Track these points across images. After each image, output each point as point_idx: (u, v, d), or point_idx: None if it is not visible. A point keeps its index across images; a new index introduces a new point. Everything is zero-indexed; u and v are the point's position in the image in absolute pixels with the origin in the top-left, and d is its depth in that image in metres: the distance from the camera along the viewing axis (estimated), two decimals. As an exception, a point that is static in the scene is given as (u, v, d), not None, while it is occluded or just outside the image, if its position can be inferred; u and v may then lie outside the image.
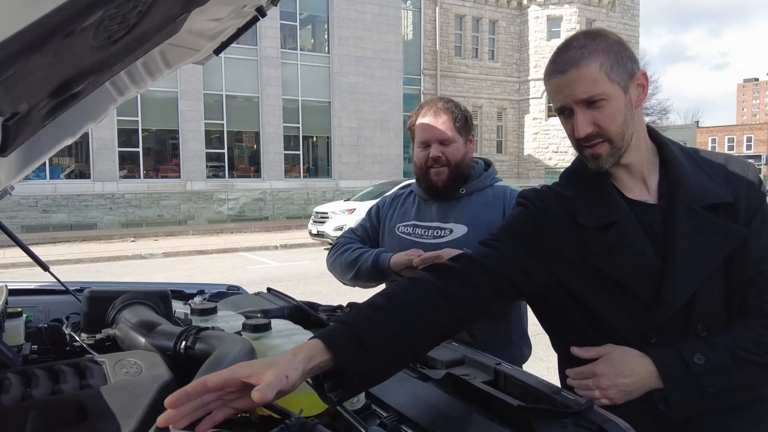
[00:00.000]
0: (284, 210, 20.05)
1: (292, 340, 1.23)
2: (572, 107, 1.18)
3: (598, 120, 1.17)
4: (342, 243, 2.14)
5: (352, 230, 2.21)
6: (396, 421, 1.01)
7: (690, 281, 1.15)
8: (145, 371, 1.02)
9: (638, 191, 1.26)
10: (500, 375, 1.24)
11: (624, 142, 1.20)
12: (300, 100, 20.47)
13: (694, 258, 1.15)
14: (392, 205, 2.16)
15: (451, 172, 1.96)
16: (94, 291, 1.54)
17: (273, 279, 9.67)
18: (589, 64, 1.15)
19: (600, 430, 0.97)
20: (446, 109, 1.97)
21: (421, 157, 1.99)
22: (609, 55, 1.16)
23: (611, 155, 1.21)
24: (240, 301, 1.74)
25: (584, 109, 1.17)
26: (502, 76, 26.79)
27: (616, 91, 1.16)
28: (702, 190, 1.20)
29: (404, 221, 2.06)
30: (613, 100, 1.16)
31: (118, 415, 0.89)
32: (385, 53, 21.53)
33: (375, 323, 1.02)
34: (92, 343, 1.38)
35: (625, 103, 1.18)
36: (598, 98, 1.16)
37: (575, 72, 1.15)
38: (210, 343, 1.07)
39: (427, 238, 1.98)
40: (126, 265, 12.01)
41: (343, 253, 2.07)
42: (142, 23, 1.07)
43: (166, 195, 18.30)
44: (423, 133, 1.98)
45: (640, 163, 1.25)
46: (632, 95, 1.19)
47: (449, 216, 1.99)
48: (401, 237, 2.03)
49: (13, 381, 1.00)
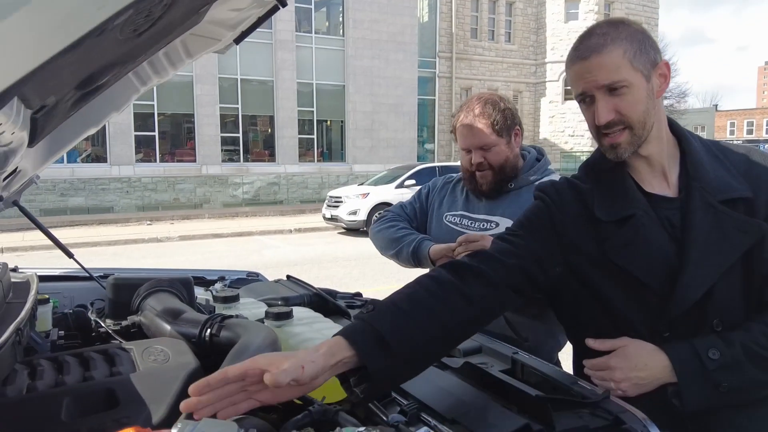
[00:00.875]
0: (298, 194, 20.12)
1: (313, 328, 1.26)
2: (594, 93, 1.18)
3: (620, 107, 1.16)
4: (389, 218, 2.14)
5: (402, 206, 2.21)
6: (416, 409, 1.03)
7: (706, 276, 1.14)
8: (173, 359, 1.05)
9: (657, 184, 1.25)
10: (517, 364, 1.26)
11: (645, 131, 1.19)
12: (314, 83, 20.41)
13: (711, 253, 1.15)
14: (442, 191, 2.15)
15: (496, 175, 1.95)
16: (119, 278, 1.58)
17: (287, 263, 9.75)
18: (611, 50, 1.14)
19: (616, 420, 0.99)
20: (483, 115, 1.93)
21: (465, 161, 2.00)
22: (632, 43, 1.15)
23: (631, 144, 1.20)
24: (260, 289, 1.77)
25: (606, 95, 1.16)
26: (519, 58, 26.46)
27: (639, 79, 1.15)
28: (721, 184, 1.19)
29: (453, 210, 2.06)
30: (635, 88, 1.15)
31: (148, 402, 0.92)
32: (401, 36, 21.34)
33: (396, 323, 1.03)
34: (118, 330, 1.42)
35: (647, 91, 1.17)
36: (620, 85, 1.15)
37: (597, 58, 1.15)
38: (235, 331, 1.10)
39: (473, 230, 1.98)
40: (143, 248, 12.16)
41: (388, 228, 2.08)
42: (166, 15, 1.09)
43: (181, 179, 18.43)
44: (463, 140, 1.98)
45: (660, 155, 1.24)
46: (654, 84, 1.18)
47: (497, 209, 1.98)
48: (449, 226, 2.03)
49: (46, 367, 1.04)
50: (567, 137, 26.27)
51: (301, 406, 1.04)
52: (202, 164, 18.78)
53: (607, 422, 0.98)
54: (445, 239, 1.95)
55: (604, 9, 25.28)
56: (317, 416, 0.93)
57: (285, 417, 1.05)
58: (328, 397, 1.03)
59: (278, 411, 1.14)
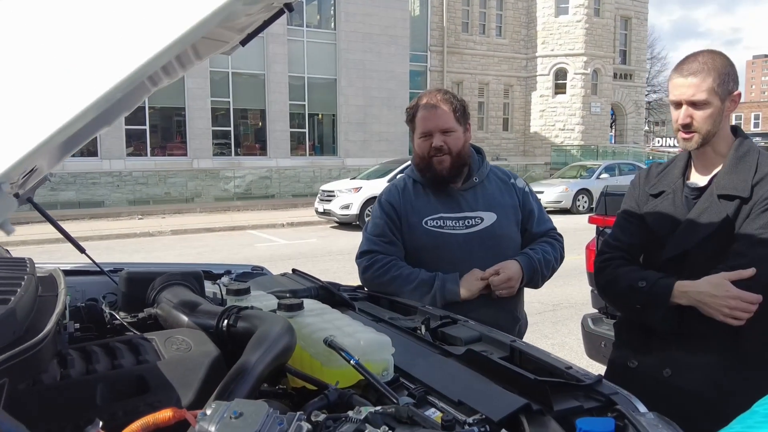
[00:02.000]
0: (290, 188, 20.14)
1: (324, 319, 1.33)
2: (683, 102, 1.62)
3: (696, 116, 1.62)
4: (384, 262, 2.05)
5: (381, 240, 2.09)
6: (423, 392, 1.10)
7: (683, 242, 1.67)
8: (195, 347, 1.12)
9: (698, 176, 1.74)
10: (515, 351, 1.34)
11: (709, 136, 1.64)
12: (306, 77, 20.41)
13: (689, 230, 1.66)
14: (406, 198, 2.12)
15: (453, 160, 2.04)
16: (132, 272, 1.65)
17: (281, 257, 9.81)
18: (705, 78, 1.59)
19: (609, 401, 1.07)
20: (445, 100, 2.04)
21: (423, 148, 2.06)
22: (720, 75, 1.60)
23: (697, 142, 1.65)
24: (268, 282, 1.84)
25: (689, 106, 1.62)
26: (510, 52, 26.56)
27: (717, 101, 1.60)
28: (728, 182, 1.62)
29: (430, 214, 2.07)
30: (711, 107, 1.61)
31: (177, 386, 0.99)
32: (392, 29, 21.36)
33: None
34: (134, 322, 1.48)
35: (719, 110, 1.62)
36: (702, 103, 1.60)
37: (694, 80, 1.60)
38: (252, 321, 1.17)
39: (460, 228, 2.05)
40: (135, 242, 12.17)
41: (388, 272, 2.02)
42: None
43: (173, 173, 18.40)
44: (425, 124, 2.04)
45: (712, 155, 1.69)
46: (725, 106, 1.63)
47: (475, 204, 2.06)
48: (431, 230, 2.05)
49: (75, 357, 1.10)
50: (557, 131, 26.43)
51: (315, 391, 1.11)
52: (193, 158, 18.75)
53: (600, 403, 1.07)
54: (429, 244, 2.03)
55: (594, 3, 25.39)
56: (333, 398, 1.00)
57: (299, 402, 1.13)
58: (342, 382, 1.10)
59: (291, 397, 1.22)
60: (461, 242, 2.03)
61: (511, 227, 2.11)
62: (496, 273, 1.97)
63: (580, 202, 16.70)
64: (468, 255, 2.02)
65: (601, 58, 26.12)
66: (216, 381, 1.00)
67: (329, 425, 0.88)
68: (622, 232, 1.84)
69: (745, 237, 1.56)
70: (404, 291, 1.96)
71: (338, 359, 1.13)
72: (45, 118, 0.73)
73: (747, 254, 1.55)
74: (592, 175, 17.63)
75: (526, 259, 2.04)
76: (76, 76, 0.73)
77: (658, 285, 1.63)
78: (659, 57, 41.67)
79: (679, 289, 1.60)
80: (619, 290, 1.75)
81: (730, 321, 1.53)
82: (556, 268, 2.14)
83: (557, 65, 26.00)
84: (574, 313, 5.80)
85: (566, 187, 16.87)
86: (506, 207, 2.10)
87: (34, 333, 0.87)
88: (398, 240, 2.10)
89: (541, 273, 2.07)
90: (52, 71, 0.74)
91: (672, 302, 1.60)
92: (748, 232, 1.56)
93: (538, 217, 2.17)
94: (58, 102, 0.73)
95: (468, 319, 1.59)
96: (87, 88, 0.72)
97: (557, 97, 26.25)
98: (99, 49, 0.73)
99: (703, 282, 1.56)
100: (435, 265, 2.03)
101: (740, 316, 1.52)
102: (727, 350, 1.60)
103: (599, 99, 26.51)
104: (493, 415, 0.97)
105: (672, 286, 1.61)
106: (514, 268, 2.00)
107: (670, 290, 1.61)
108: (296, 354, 1.16)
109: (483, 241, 2.04)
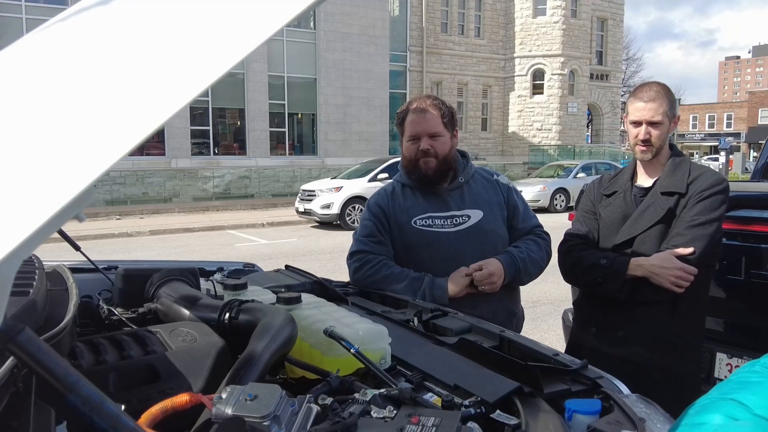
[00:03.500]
0: (270, 187, 20.07)
1: (321, 311, 1.38)
2: (642, 122, 2.06)
3: (653, 134, 2.06)
4: (375, 262, 2.10)
5: (371, 240, 2.16)
6: (420, 378, 1.16)
7: (632, 230, 2.08)
8: (200, 339, 1.16)
9: (645, 178, 2.17)
10: (504, 340, 1.41)
11: (659, 149, 2.09)
12: (285, 76, 20.35)
13: (638, 220, 2.09)
14: (393, 202, 2.20)
15: (439, 164, 2.12)
16: (128, 269, 1.68)
17: (262, 256, 9.79)
18: (662, 103, 2.04)
19: (594, 385, 1.14)
20: (435, 106, 2.13)
21: (411, 150, 2.14)
22: (670, 101, 2.07)
23: (652, 153, 2.08)
24: (262, 278, 1.88)
25: (647, 126, 2.05)
26: (488, 53, 26.79)
27: (667, 121, 2.07)
28: (668, 182, 2.07)
29: (419, 214, 2.14)
30: (664, 127, 2.07)
31: (187, 375, 1.03)
32: (372, 29, 21.41)
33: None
34: (133, 317, 1.52)
35: (668, 129, 2.08)
36: (657, 123, 2.05)
37: (653, 104, 2.04)
38: (254, 314, 1.21)
39: (448, 227, 2.11)
40: (113, 242, 12.03)
41: (379, 271, 2.08)
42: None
43: (151, 172, 18.20)
44: (413, 128, 2.12)
45: (656, 163, 2.14)
46: (670, 126, 2.09)
47: (462, 203, 2.14)
48: (420, 230, 2.12)
49: (84, 349, 1.14)
50: (535, 131, 26.74)
51: (315, 380, 1.16)
52: (171, 157, 18.57)
53: (586, 386, 1.14)
54: (419, 242, 2.10)
55: (571, 5, 25.74)
56: (335, 385, 1.06)
57: (298, 392, 1.17)
58: (342, 370, 1.15)
59: (291, 387, 1.27)
60: (450, 240, 2.10)
61: (498, 223, 2.17)
62: (480, 269, 2.04)
63: (558, 201, 16.94)
64: (457, 252, 2.08)
65: (578, 58, 26.49)
66: (223, 370, 1.05)
67: (335, 407, 0.94)
68: (581, 225, 2.26)
69: (684, 221, 2.00)
70: (395, 289, 2.01)
71: (338, 348, 1.18)
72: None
73: (686, 234, 1.98)
74: (569, 175, 17.91)
75: (507, 257, 2.10)
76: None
77: (617, 261, 2.04)
78: (635, 58, 42.47)
79: (634, 263, 2.00)
80: (583, 268, 2.13)
81: (674, 288, 1.94)
82: (543, 266, 2.20)
83: (535, 66, 26.30)
84: (553, 310, 5.92)
85: (544, 186, 17.10)
86: (492, 204, 2.17)
87: (52, 324, 0.91)
88: (387, 240, 2.16)
89: (525, 270, 2.12)
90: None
91: (628, 275, 1.99)
92: (685, 218, 2.00)
93: (523, 213, 2.24)
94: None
95: (458, 312, 1.65)
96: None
97: (535, 98, 26.55)
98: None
99: (654, 257, 1.99)
100: (426, 263, 2.09)
101: (682, 284, 1.93)
102: (668, 312, 2.02)
103: (576, 99, 26.87)
104: (488, 397, 1.03)
105: (628, 261, 2.01)
106: (496, 265, 2.06)
107: (627, 265, 2.00)
108: (296, 345, 1.21)
109: (471, 238, 2.10)
